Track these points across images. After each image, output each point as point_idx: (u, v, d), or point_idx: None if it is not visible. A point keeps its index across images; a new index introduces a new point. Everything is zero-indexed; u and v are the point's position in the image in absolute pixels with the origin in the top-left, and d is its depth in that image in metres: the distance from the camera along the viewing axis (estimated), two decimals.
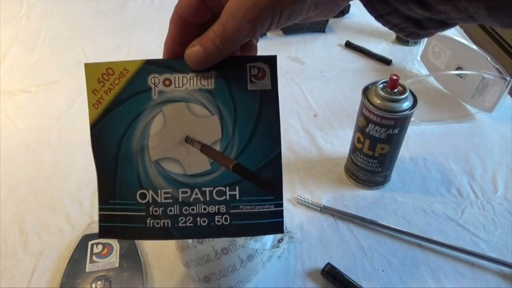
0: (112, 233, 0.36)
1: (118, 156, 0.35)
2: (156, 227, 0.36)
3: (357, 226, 0.56)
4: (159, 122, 0.35)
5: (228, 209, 0.36)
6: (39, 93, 0.76)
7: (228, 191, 0.36)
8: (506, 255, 0.53)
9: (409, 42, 0.89)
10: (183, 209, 0.36)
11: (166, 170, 0.36)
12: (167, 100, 0.35)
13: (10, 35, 0.90)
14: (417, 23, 0.31)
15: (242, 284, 0.46)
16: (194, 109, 0.35)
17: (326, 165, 0.65)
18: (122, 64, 0.35)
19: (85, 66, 0.35)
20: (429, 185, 0.62)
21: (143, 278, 0.49)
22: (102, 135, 0.36)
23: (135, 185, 0.36)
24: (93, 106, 0.36)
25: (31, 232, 0.55)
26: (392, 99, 0.52)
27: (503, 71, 0.68)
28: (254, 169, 0.36)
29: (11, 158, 0.64)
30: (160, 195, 0.36)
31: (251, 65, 0.35)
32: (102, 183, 0.36)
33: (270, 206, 0.36)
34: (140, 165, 0.35)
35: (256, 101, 0.35)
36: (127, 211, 0.36)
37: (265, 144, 0.36)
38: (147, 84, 0.35)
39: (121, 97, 0.35)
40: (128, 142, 0.35)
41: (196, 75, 0.35)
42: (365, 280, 0.50)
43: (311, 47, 0.89)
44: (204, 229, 0.36)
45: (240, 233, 0.37)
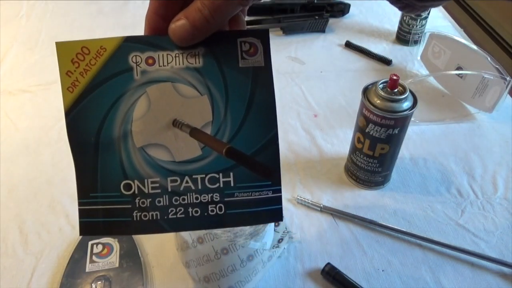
0: (94, 230, 0.33)
1: (98, 144, 0.32)
2: (144, 220, 0.32)
3: (357, 226, 0.56)
4: (143, 105, 0.32)
5: (223, 198, 0.33)
6: (39, 93, 0.76)
7: (221, 178, 0.33)
8: (506, 255, 0.53)
9: (409, 42, 0.89)
10: (173, 199, 0.33)
11: (153, 157, 0.32)
12: (151, 81, 0.32)
13: (10, 35, 0.90)
14: None
15: (242, 284, 0.46)
16: (181, 89, 0.32)
17: (326, 165, 0.65)
18: (98, 42, 0.31)
19: (57, 45, 0.31)
20: (429, 185, 0.62)
21: (143, 278, 0.49)
22: (79, 122, 0.32)
23: (118, 175, 0.32)
24: (67, 89, 0.32)
25: (31, 232, 0.55)
26: (392, 99, 0.52)
27: (503, 71, 0.68)
28: (249, 153, 0.33)
29: (11, 158, 0.64)
30: (147, 185, 0.32)
31: (242, 40, 0.32)
32: (81, 175, 0.32)
33: (268, 192, 0.33)
34: (123, 153, 0.32)
35: (249, 79, 0.32)
36: (111, 205, 0.32)
37: (260, 126, 0.33)
38: (128, 64, 0.31)
39: (99, 79, 0.31)
40: (108, 129, 0.32)
41: (182, 53, 0.31)
42: (365, 280, 0.50)
43: (311, 47, 0.89)
44: (197, 220, 0.33)
45: (236, 223, 0.34)
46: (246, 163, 0.33)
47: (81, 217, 0.32)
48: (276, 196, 0.33)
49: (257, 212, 0.33)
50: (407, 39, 0.89)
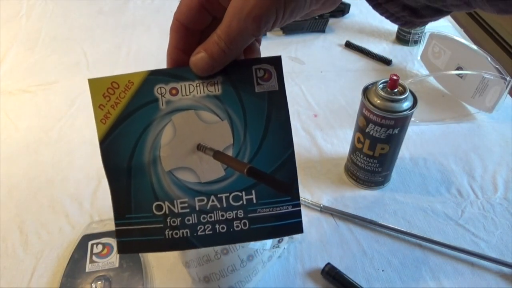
0: (131, 248, 0.36)
1: (130, 169, 0.35)
2: (176, 238, 0.35)
3: (357, 226, 0.56)
4: (169, 132, 0.35)
5: (246, 214, 0.35)
6: (39, 93, 0.76)
7: (244, 196, 0.35)
8: (506, 255, 0.53)
9: (409, 42, 0.89)
10: (201, 217, 0.35)
11: (181, 180, 0.35)
12: (175, 109, 0.35)
13: (10, 35, 0.90)
14: (414, 12, 0.31)
15: (242, 284, 0.46)
16: (203, 116, 0.35)
17: (326, 165, 0.65)
18: (126, 76, 0.34)
19: (89, 82, 0.35)
20: (429, 185, 0.62)
21: (143, 278, 0.49)
22: (112, 150, 0.35)
23: (150, 197, 0.35)
24: (100, 121, 0.35)
25: (31, 232, 0.55)
26: (392, 99, 0.52)
27: (503, 71, 0.68)
28: (268, 171, 0.35)
29: (11, 158, 0.64)
30: (177, 205, 0.35)
31: (256, 67, 0.35)
32: (117, 198, 0.35)
33: (288, 206, 0.36)
34: (154, 176, 0.35)
35: (265, 103, 0.35)
36: (144, 224, 0.35)
37: (277, 145, 0.35)
38: (153, 95, 0.34)
39: (128, 110, 0.34)
40: (139, 155, 0.35)
41: (203, 82, 0.34)
42: (365, 280, 0.50)
43: (311, 47, 0.89)
44: (224, 235, 0.35)
45: (260, 236, 0.37)
46: (266, 181, 0.35)
47: (118, 237, 0.35)
48: (295, 210, 0.36)
49: (278, 226, 0.36)
50: (407, 39, 0.89)
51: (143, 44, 0.89)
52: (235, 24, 0.30)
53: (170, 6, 1.01)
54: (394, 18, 0.33)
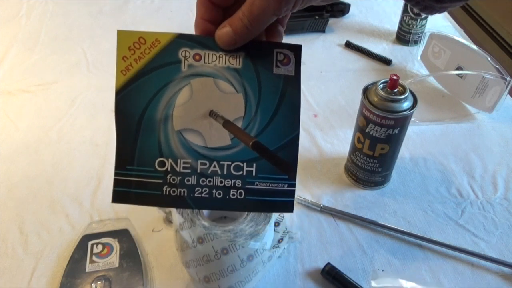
0: (126, 198, 0.37)
1: (141, 123, 0.36)
2: (172, 195, 0.36)
3: (357, 226, 0.56)
4: (185, 94, 0.36)
5: (244, 184, 0.37)
6: (39, 93, 0.76)
7: (245, 167, 0.37)
8: (506, 255, 0.53)
9: (409, 42, 0.89)
10: (200, 180, 0.37)
11: (188, 141, 0.36)
12: (196, 74, 0.36)
13: (10, 35, 0.90)
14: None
15: (242, 284, 0.46)
16: (221, 85, 0.36)
17: (326, 165, 0.65)
18: (154, 34, 0.35)
19: (118, 33, 0.35)
20: (429, 185, 0.62)
21: (143, 278, 0.49)
22: (127, 102, 0.36)
23: (154, 153, 0.36)
24: (121, 72, 0.36)
25: (31, 232, 0.55)
26: (392, 99, 0.52)
27: (503, 71, 0.68)
28: (272, 149, 0.37)
29: (11, 158, 0.64)
30: (179, 164, 0.36)
31: (278, 51, 0.37)
32: (121, 149, 0.36)
33: (284, 185, 0.37)
34: (162, 133, 0.36)
35: (280, 84, 0.37)
36: (144, 178, 0.36)
37: (284, 126, 0.37)
38: (177, 57, 0.36)
39: (151, 66, 0.36)
40: (152, 110, 0.36)
41: (226, 54, 0.36)
42: (365, 280, 0.50)
43: (311, 47, 0.89)
44: (219, 201, 0.37)
45: (253, 208, 0.38)
46: (268, 157, 0.37)
47: (115, 186, 0.36)
48: (290, 190, 0.37)
49: (272, 202, 0.37)
50: (407, 39, 0.89)
51: None
52: (258, 2, 0.31)
53: (170, 6, 1.01)
54: (414, 2, 0.33)
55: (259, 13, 0.32)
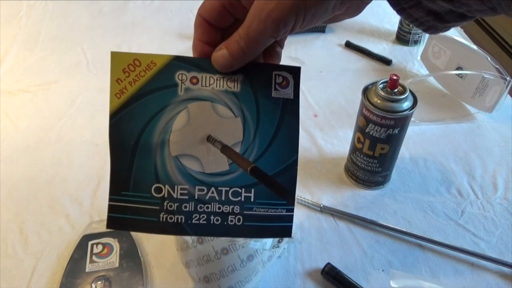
0: (121, 225, 0.36)
1: (137, 148, 0.35)
2: (169, 222, 0.36)
3: (357, 226, 0.56)
4: (182, 119, 0.35)
5: (242, 210, 0.36)
6: (39, 93, 0.76)
7: (243, 193, 0.36)
8: (506, 255, 0.53)
9: (409, 42, 0.89)
10: (198, 206, 0.36)
11: (185, 167, 0.36)
12: (193, 98, 0.35)
13: (10, 35, 0.90)
14: (438, 16, 0.32)
15: (242, 284, 0.46)
16: (219, 109, 0.36)
17: (326, 165, 0.65)
18: (150, 56, 0.34)
19: (112, 54, 0.35)
20: (429, 185, 0.62)
21: (143, 278, 0.49)
22: (122, 125, 0.35)
23: (151, 178, 0.36)
24: (115, 95, 0.35)
25: (31, 232, 0.55)
26: (392, 99, 0.52)
27: (503, 71, 0.68)
28: (271, 174, 0.36)
29: (11, 158, 0.64)
30: (177, 191, 0.36)
31: (276, 73, 0.36)
32: (116, 174, 0.36)
33: (282, 210, 0.37)
34: (159, 159, 0.35)
35: (279, 108, 0.36)
36: (140, 204, 0.36)
37: (283, 151, 0.36)
38: (174, 80, 0.35)
39: (146, 90, 0.35)
40: (148, 135, 0.35)
41: (223, 77, 0.35)
42: (365, 280, 0.50)
43: (311, 47, 0.89)
44: (217, 227, 0.36)
45: (251, 234, 0.37)
46: (267, 182, 0.36)
47: (110, 212, 0.35)
48: (288, 215, 0.37)
49: (270, 227, 0.37)
50: (407, 39, 0.89)
51: (143, 44, 0.89)
52: (255, 24, 0.31)
53: (170, 6, 1.01)
54: (418, 23, 0.33)
55: (256, 35, 0.31)
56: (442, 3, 0.29)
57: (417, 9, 0.31)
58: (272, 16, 0.30)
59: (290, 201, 0.37)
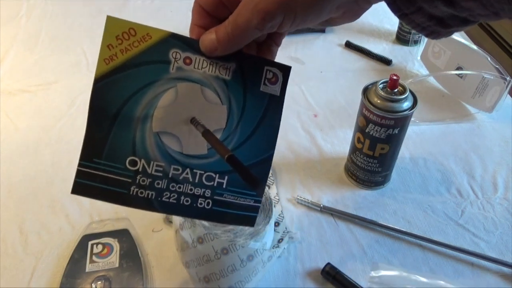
0: (87, 192, 0.35)
1: (117, 117, 0.35)
2: (139, 197, 0.36)
3: (357, 226, 0.56)
4: (170, 96, 0.35)
5: (213, 195, 0.37)
6: (39, 93, 0.76)
7: (217, 178, 0.37)
8: (506, 255, 0.53)
9: (409, 42, 0.89)
10: (170, 185, 0.36)
11: (164, 144, 0.36)
12: (184, 78, 0.35)
13: (10, 35, 0.90)
14: (440, 21, 0.32)
15: (242, 284, 0.46)
16: (207, 94, 0.36)
17: (326, 165, 0.65)
18: (146, 28, 0.34)
19: (107, 18, 0.33)
20: (429, 185, 0.62)
21: (143, 278, 0.49)
22: (106, 92, 0.35)
23: (127, 150, 0.35)
24: (104, 60, 0.34)
25: (31, 232, 0.55)
26: (392, 99, 0.52)
27: (503, 71, 0.68)
28: (246, 164, 0.37)
29: (11, 158, 0.64)
30: (152, 167, 0.36)
31: (268, 68, 0.36)
32: (90, 140, 0.35)
33: (251, 200, 0.38)
34: (139, 132, 0.35)
35: (264, 103, 0.37)
36: (111, 174, 0.35)
37: (261, 144, 0.37)
38: (167, 57, 0.35)
39: (137, 61, 0.34)
40: (132, 107, 0.35)
41: (217, 62, 0.35)
42: (365, 280, 0.50)
43: (311, 47, 0.89)
44: (185, 208, 0.37)
45: (217, 219, 0.38)
46: (241, 171, 0.37)
47: (78, 177, 0.35)
48: (256, 206, 0.38)
49: (236, 214, 0.38)
50: (407, 39, 0.89)
51: None
52: (243, 12, 0.31)
53: (170, 6, 1.01)
54: (420, 28, 0.33)
55: (242, 24, 0.31)
56: (444, 8, 0.29)
57: (419, 15, 0.31)
58: (258, 7, 0.30)
59: (259, 193, 0.38)
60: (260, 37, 0.37)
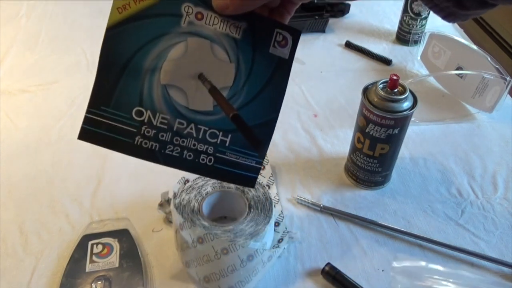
0: (93, 138, 0.36)
1: (126, 67, 0.35)
2: (143, 147, 0.36)
3: (357, 226, 0.56)
4: (179, 50, 0.35)
5: (215, 152, 0.38)
6: (39, 93, 0.76)
7: (220, 136, 0.37)
8: (506, 255, 0.53)
9: (409, 42, 0.89)
10: (174, 138, 0.37)
11: (171, 97, 0.36)
12: (194, 33, 0.35)
13: (10, 35, 0.90)
14: (458, 2, 0.31)
15: (242, 284, 0.46)
16: (216, 50, 0.36)
17: (326, 165, 0.65)
18: None
19: None
20: (429, 185, 0.62)
21: (143, 278, 0.49)
22: (117, 41, 0.35)
23: (134, 100, 0.36)
24: (116, 9, 0.35)
25: (31, 232, 0.55)
26: (392, 99, 0.52)
27: (503, 71, 0.68)
28: (250, 124, 0.37)
29: (11, 158, 0.64)
30: (157, 118, 0.36)
31: (278, 31, 0.36)
32: (99, 87, 0.35)
33: (252, 161, 0.38)
34: (146, 83, 0.36)
35: (273, 65, 0.37)
36: (117, 122, 0.36)
37: (266, 106, 0.37)
38: (179, 10, 0.35)
39: (150, 12, 0.34)
40: (141, 57, 0.35)
41: (228, 20, 0.35)
42: (365, 280, 0.50)
43: (311, 47, 0.89)
44: (187, 162, 0.37)
45: (218, 176, 0.39)
46: (244, 131, 0.38)
47: (85, 124, 0.36)
48: (256, 167, 0.39)
49: (237, 174, 0.38)
50: (407, 39, 0.89)
51: None
52: None
53: None
54: (438, 8, 0.33)
55: None
56: None
57: None
58: None
59: (261, 154, 0.38)
60: (273, 3, 0.37)
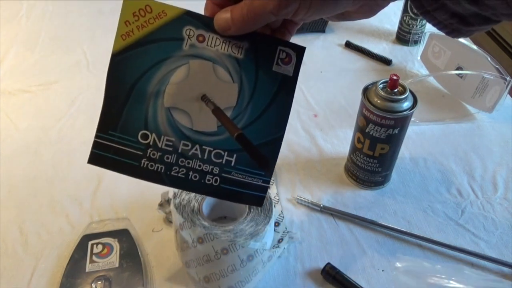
0: (102, 162, 0.37)
1: (132, 92, 0.36)
2: (150, 169, 0.37)
3: (357, 226, 0.56)
4: (182, 73, 0.36)
5: (221, 172, 0.38)
6: (39, 93, 0.76)
7: (225, 156, 0.37)
8: (506, 255, 0.53)
9: (409, 42, 0.89)
10: (179, 160, 0.37)
11: (175, 120, 0.37)
12: (196, 55, 0.36)
13: (10, 35, 0.90)
14: (462, 19, 0.31)
15: (242, 284, 0.46)
16: (219, 71, 0.36)
17: (326, 165, 0.65)
18: (162, 6, 0.35)
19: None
20: (429, 185, 0.62)
21: (143, 278, 0.49)
22: (122, 67, 0.36)
23: (140, 124, 0.36)
24: (120, 36, 0.36)
25: (31, 232, 0.55)
26: (392, 99, 0.52)
27: (503, 71, 0.68)
28: (255, 143, 0.37)
29: (11, 158, 0.64)
30: (162, 141, 0.37)
31: (281, 49, 0.36)
32: (106, 113, 0.36)
33: (259, 180, 0.38)
34: (151, 107, 0.36)
35: (277, 83, 0.37)
36: (124, 146, 0.37)
37: (272, 124, 0.37)
38: (181, 34, 0.35)
39: (152, 37, 0.35)
40: (145, 82, 0.36)
41: (229, 41, 0.35)
42: (365, 280, 0.50)
43: (311, 47, 0.89)
44: (194, 183, 0.38)
45: (225, 196, 0.39)
46: (250, 150, 0.37)
47: (94, 148, 0.37)
48: (264, 186, 0.38)
49: (244, 194, 0.38)
50: (407, 39, 0.89)
51: None
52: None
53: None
54: (442, 25, 0.33)
55: (258, 6, 0.31)
56: (467, 6, 0.29)
57: (441, 12, 0.31)
58: None
59: (268, 173, 0.38)
60: (275, 23, 0.37)
